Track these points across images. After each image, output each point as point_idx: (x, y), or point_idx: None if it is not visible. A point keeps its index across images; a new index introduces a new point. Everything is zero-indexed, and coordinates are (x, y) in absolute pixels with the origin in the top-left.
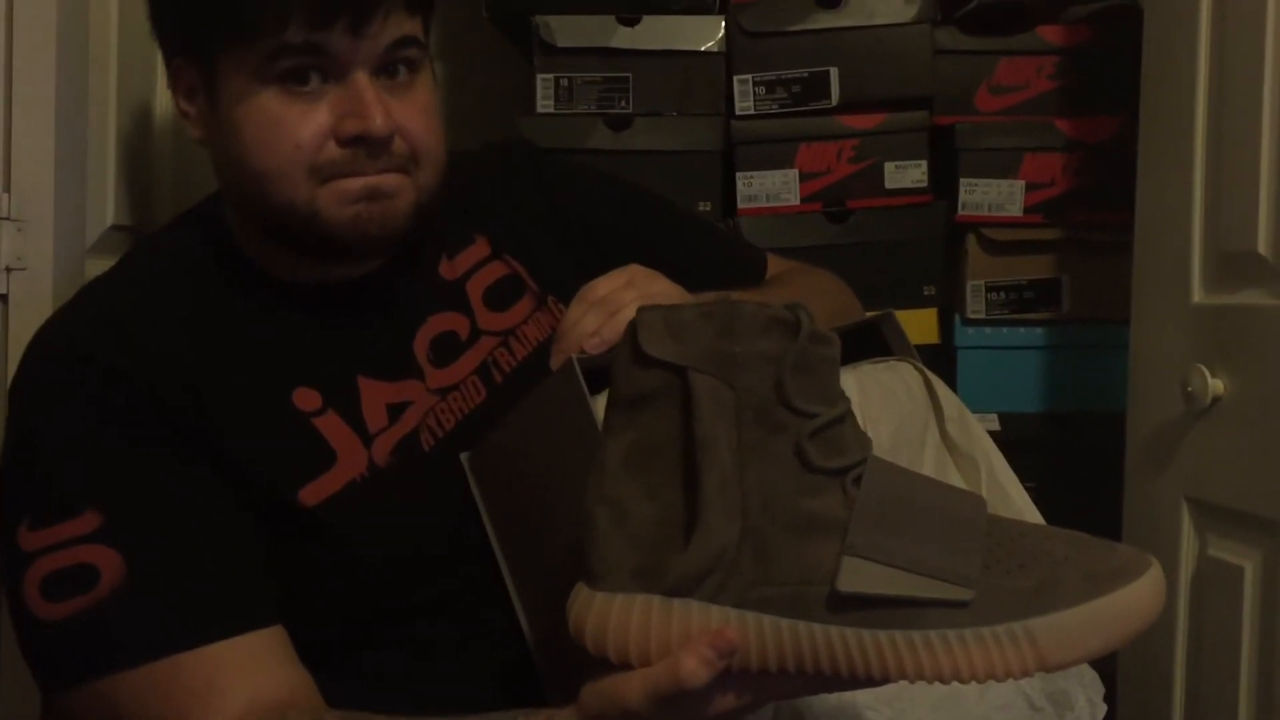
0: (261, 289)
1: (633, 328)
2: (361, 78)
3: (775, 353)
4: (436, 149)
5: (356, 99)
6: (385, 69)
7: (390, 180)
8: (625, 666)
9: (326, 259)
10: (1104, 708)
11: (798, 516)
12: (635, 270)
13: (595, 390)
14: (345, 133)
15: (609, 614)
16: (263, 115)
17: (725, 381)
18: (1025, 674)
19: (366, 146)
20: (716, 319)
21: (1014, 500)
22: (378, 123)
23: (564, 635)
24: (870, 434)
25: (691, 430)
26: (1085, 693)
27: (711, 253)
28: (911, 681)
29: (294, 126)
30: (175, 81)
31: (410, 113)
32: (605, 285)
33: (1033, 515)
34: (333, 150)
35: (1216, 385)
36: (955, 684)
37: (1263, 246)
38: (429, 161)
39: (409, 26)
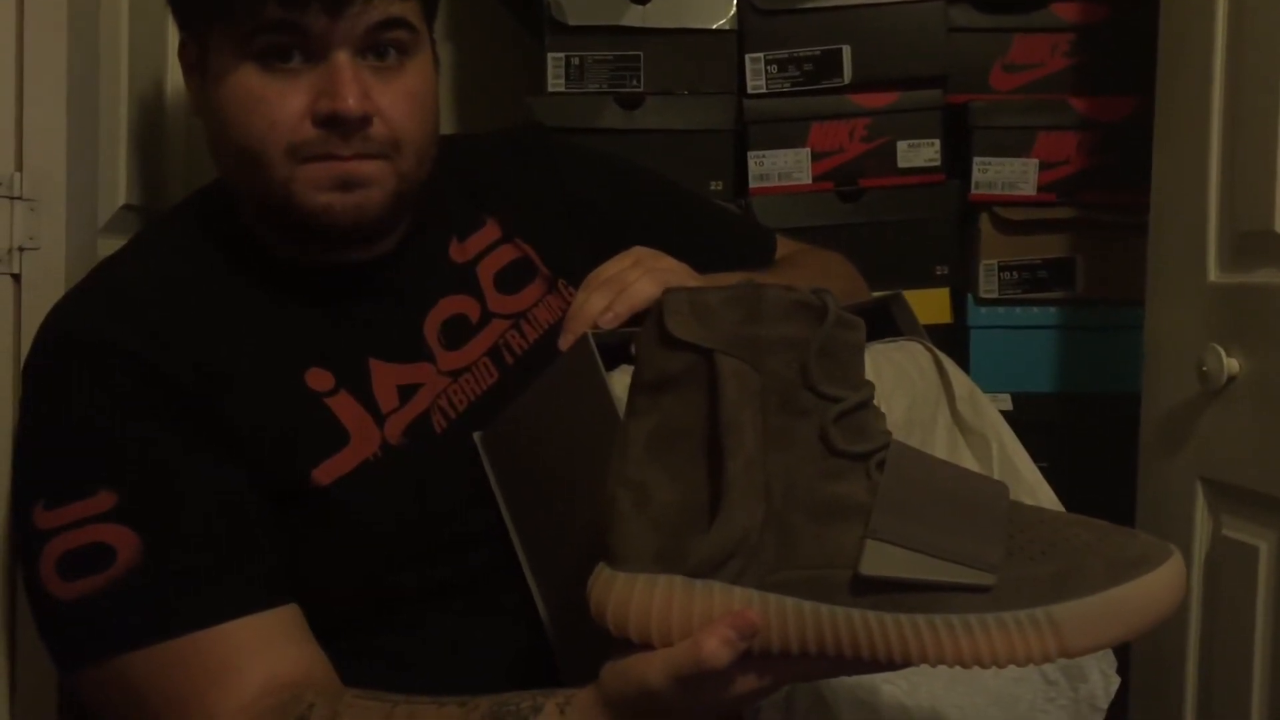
0: (272, 270)
1: (658, 310)
2: (341, 57)
3: (801, 337)
4: (420, 135)
5: (333, 78)
6: (373, 50)
7: (366, 168)
8: (646, 647)
9: (309, 242)
10: (1117, 680)
11: (821, 500)
12: (639, 251)
13: (609, 367)
14: (319, 112)
15: (630, 594)
16: (243, 91)
17: (751, 365)
18: (1046, 659)
19: (340, 127)
20: (742, 302)
21: (1025, 477)
22: (350, 103)
23: (582, 615)
24: (884, 411)
25: (716, 413)
26: (1098, 665)
27: (721, 235)
28: (932, 665)
29: (271, 104)
30: (181, 55)
31: (394, 97)
32: (611, 268)
33: (1045, 491)
34: (308, 130)
35: (1232, 365)
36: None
37: (1279, 225)
38: (412, 148)
39: (398, 9)
